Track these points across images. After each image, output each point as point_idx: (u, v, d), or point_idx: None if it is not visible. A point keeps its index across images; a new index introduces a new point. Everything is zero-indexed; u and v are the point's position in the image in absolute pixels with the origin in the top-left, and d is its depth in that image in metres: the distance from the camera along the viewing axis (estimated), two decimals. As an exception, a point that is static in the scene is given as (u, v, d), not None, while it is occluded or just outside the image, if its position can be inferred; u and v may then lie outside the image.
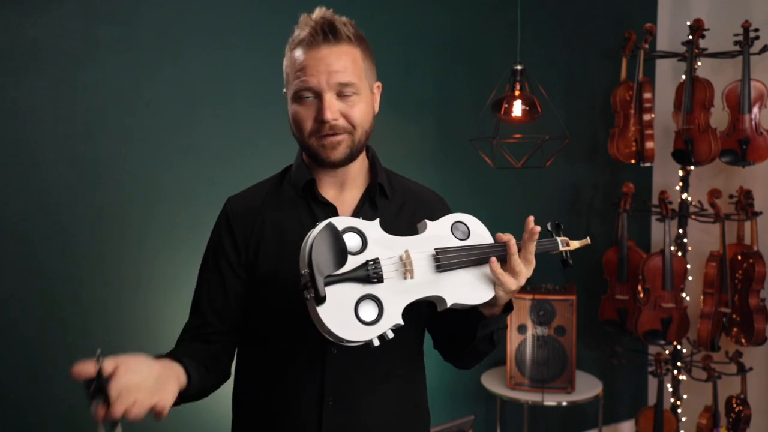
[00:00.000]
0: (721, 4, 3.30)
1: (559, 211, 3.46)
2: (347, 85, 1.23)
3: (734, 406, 3.07)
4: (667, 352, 3.22)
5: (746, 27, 2.90)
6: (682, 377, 3.18)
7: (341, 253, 1.10)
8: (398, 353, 1.33)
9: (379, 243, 1.16)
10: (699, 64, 3.08)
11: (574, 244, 1.36)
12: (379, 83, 1.34)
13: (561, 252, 1.33)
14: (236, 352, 1.40)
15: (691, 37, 3.00)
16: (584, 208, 3.55)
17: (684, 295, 3.11)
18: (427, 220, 1.22)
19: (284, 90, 1.31)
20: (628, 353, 3.38)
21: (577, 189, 3.51)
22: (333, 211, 1.31)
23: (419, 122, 3.08)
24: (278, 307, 1.27)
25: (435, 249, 1.17)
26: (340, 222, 1.14)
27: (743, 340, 3.01)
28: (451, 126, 3.13)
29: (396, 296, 1.12)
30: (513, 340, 3.06)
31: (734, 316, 3.04)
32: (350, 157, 1.28)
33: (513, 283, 1.17)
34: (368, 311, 1.10)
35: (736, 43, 2.94)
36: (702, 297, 3.08)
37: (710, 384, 3.11)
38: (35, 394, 2.40)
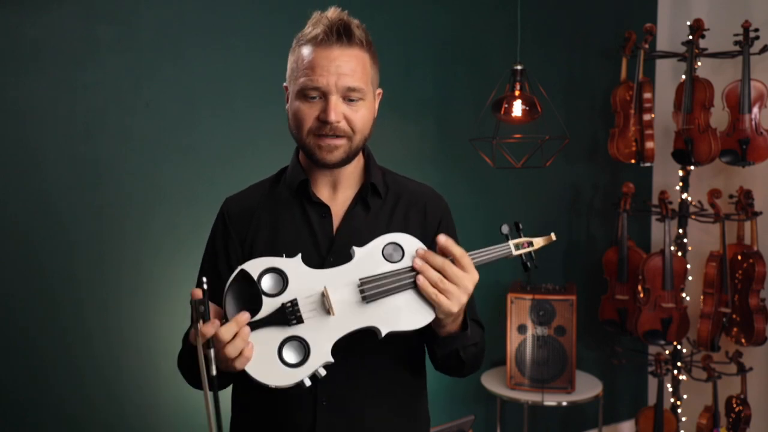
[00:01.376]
0: (721, 4, 3.30)
1: (559, 211, 3.46)
2: (354, 90, 1.23)
3: (734, 406, 3.07)
4: (667, 352, 3.22)
5: (746, 27, 2.90)
6: (682, 377, 3.18)
7: (254, 299, 1.09)
8: (396, 355, 1.32)
9: (300, 281, 1.13)
10: (699, 64, 3.08)
11: (538, 242, 1.27)
12: (380, 90, 1.34)
13: (519, 255, 1.26)
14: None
15: (691, 37, 3.00)
16: (584, 208, 3.55)
17: (684, 295, 3.11)
18: (354, 247, 1.18)
19: (285, 84, 1.31)
20: (628, 353, 3.38)
21: (577, 189, 3.51)
22: (326, 211, 1.31)
23: (419, 122, 3.08)
24: None
25: (360, 279, 1.14)
26: (256, 265, 1.13)
27: (743, 340, 3.01)
28: (451, 126, 3.13)
29: (322, 334, 1.10)
30: (513, 340, 3.05)
31: (734, 316, 3.04)
32: (346, 161, 1.28)
33: (449, 304, 1.12)
34: (293, 353, 1.09)
35: (736, 43, 2.94)
36: (702, 297, 3.08)
37: (710, 384, 3.11)
38: (35, 394, 2.40)
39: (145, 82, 2.51)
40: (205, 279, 1.07)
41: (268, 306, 1.10)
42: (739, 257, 3.03)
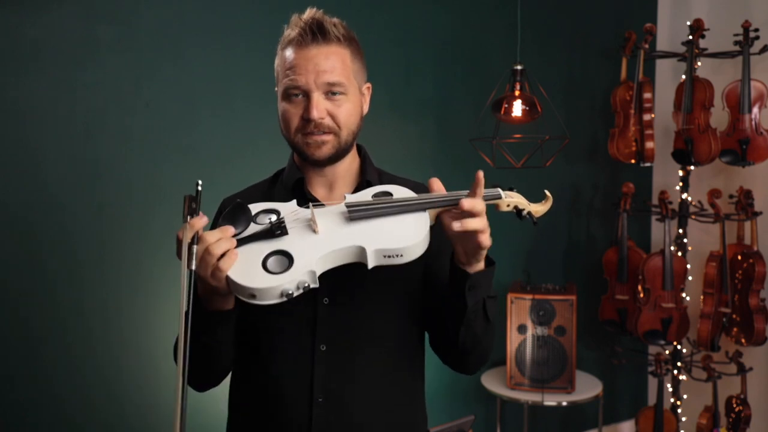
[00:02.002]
0: (721, 4, 3.30)
1: (559, 211, 3.45)
2: (335, 85, 1.24)
3: (734, 406, 3.07)
4: (667, 352, 3.22)
5: (746, 27, 2.90)
6: (682, 377, 3.18)
7: (246, 221, 1.15)
8: (394, 352, 1.32)
9: (291, 213, 1.19)
10: (699, 64, 3.08)
11: (536, 206, 1.31)
12: (369, 84, 1.35)
13: (514, 207, 1.28)
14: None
15: (691, 37, 3.00)
16: (584, 208, 3.55)
17: (684, 295, 3.11)
18: (346, 194, 1.24)
19: (275, 88, 1.33)
20: (628, 353, 3.38)
21: (577, 189, 3.51)
22: None
23: (419, 122, 3.08)
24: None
25: (345, 204, 1.18)
26: (256, 205, 1.20)
27: (743, 340, 3.01)
28: (451, 126, 3.13)
29: (306, 249, 1.12)
30: (513, 340, 3.05)
31: (734, 316, 3.04)
32: (336, 157, 1.29)
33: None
34: (276, 263, 1.11)
35: (736, 43, 2.94)
36: (702, 297, 3.08)
37: (710, 384, 3.11)
38: (35, 394, 2.40)
39: (145, 82, 2.51)
40: (200, 181, 1.11)
41: (256, 228, 1.16)
42: (739, 257, 3.03)
